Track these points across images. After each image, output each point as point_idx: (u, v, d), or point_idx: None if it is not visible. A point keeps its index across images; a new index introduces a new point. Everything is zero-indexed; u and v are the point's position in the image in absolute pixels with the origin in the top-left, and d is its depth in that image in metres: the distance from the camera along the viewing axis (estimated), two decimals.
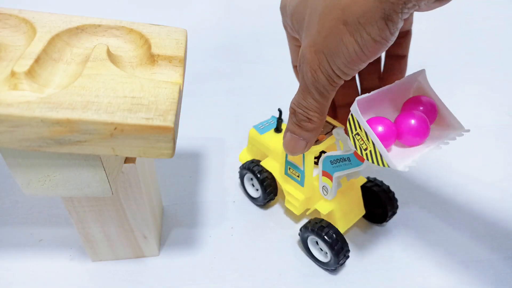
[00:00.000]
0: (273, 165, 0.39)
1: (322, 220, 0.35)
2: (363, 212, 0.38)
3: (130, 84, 0.25)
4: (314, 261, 0.37)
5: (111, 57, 0.28)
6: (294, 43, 0.33)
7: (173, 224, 0.40)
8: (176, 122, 0.25)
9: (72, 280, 0.35)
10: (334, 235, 0.34)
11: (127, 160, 0.30)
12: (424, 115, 0.27)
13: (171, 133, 0.24)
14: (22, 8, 0.30)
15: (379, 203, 0.38)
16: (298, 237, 0.38)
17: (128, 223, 0.33)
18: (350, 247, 0.37)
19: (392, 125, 0.27)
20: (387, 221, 0.39)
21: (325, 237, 0.34)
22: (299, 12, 0.26)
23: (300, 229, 0.36)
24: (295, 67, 0.35)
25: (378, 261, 0.37)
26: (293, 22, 0.27)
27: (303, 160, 0.34)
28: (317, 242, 0.36)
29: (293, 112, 0.29)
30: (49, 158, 0.26)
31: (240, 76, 0.60)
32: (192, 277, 0.36)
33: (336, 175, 0.33)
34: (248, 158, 0.42)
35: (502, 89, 0.57)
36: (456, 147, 0.48)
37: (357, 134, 0.25)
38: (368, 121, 0.26)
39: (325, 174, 0.33)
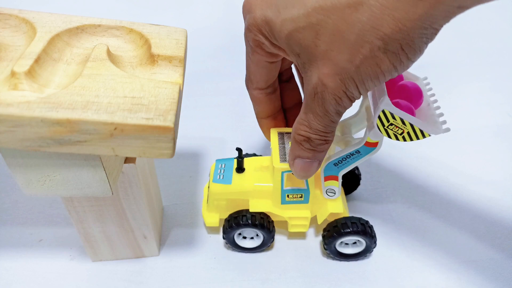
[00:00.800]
0: (264, 204, 0.36)
1: (335, 220, 0.35)
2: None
3: (130, 84, 0.25)
4: (345, 260, 0.37)
5: (111, 57, 0.28)
6: (265, 59, 0.31)
7: (173, 224, 0.40)
8: (176, 122, 0.25)
9: (72, 280, 0.35)
10: (357, 222, 0.35)
11: (127, 160, 0.30)
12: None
13: (171, 133, 0.24)
14: (22, 8, 0.30)
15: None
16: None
17: (128, 223, 0.33)
18: None
19: (408, 104, 0.29)
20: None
21: (353, 229, 0.34)
22: (304, 38, 0.25)
23: (325, 245, 0.36)
24: (250, 82, 0.34)
25: (378, 260, 0.37)
26: (289, 44, 0.26)
27: (306, 180, 0.33)
28: (342, 242, 0.36)
29: (306, 139, 0.28)
30: (49, 158, 0.26)
31: (240, 76, 0.60)
32: (192, 277, 0.36)
33: (341, 173, 0.33)
34: (216, 218, 0.37)
35: (502, 89, 0.57)
36: (456, 147, 0.48)
37: (391, 124, 0.28)
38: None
39: (329, 178, 0.34)
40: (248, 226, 0.35)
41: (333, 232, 0.35)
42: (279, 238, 0.39)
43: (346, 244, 0.36)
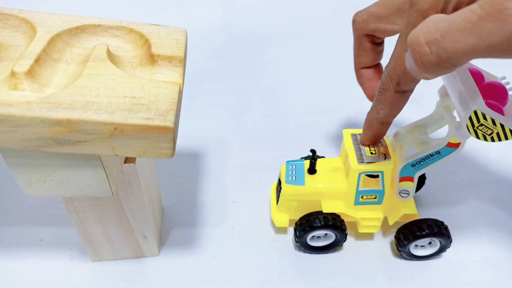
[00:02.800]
0: (336, 205, 0.36)
1: (411, 223, 0.35)
2: None
3: (130, 84, 0.25)
4: (418, 259, 0.37)
5: (111, 57, 0.28)
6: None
7: (173, 224, 0.40)
8: (176, 122, 0.25)
9: (72, 280, 0.35)
10: (433, 224, 0.34)
11: (127, 160, 0.30)
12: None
13: (171, 133, 0.24)
14: (22, 8, 0.30)
15: None
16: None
17: (128, 223, 0.33)
18: (350, 247, 0.37)
19: (496, 104, 0.29)
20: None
21: (427, 231, 0.34)
22: None
23: (400, 250, 0.36)
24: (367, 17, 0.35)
25: (378, 260, 0.37)
26: None
27: (382, 180, 0.34)
28: (416, 245, 0.36)
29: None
30: (49, 158, 0.26)
31: (240, 76, 0.60)
32: (192, 277, 0.36)
33: (418, 174, 0.33)
34: (286, 218, 0.37)
35: None
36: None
37: (481, 125, 0.27)
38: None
39: (404, 179, 0.34)
40: (321, 227, 0.35)
41: (408, 234, 0.35)
42: (280, 238, 0.39)
43: (422, 246, 0.36)
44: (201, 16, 0.74)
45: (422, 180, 0.42)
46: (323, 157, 0.41)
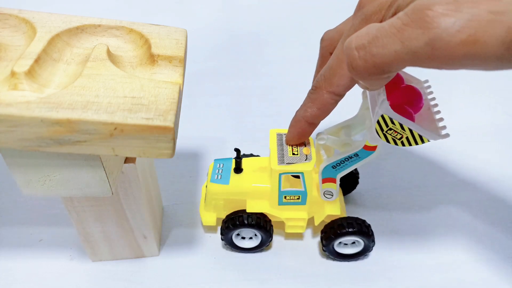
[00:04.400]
0: (261, 205, 0.36)
1: (332, 221, 0.35)
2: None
3: (130, 84, 0.25)
4: (344, 260, 0.37)
5: (111, 57, 0.28)
6: None
7: (173, 224, 0.40)
8: (176, 122, 0.25)
9: (72, 280, 0.35)
10: (353, 222, 0.34)
11: (127, 160, 0.30)
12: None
13: (171, 133, 0.24)
14: (22, 8, 0.30)
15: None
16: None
17: (128, 223, 0.33)
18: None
19: (407, 108, 0.29)
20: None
21: (349, 229, 0.34)
22: None
23: (324, 248, 0.36)
24: (327, 83, 0.32)
25: (378, 260, 0.37)
26: None
27: (303, 181, 0.34)
28: (340, 243, 0.36)
29: None
30: (49, 158, 0.26)
31: (240, 76, 0.60)
32: (192, 277, 0.36)
33: (339, 176, 0.33)
34: (213, 217, 0.37)
35: (501, 88, 0.57)
36: (454, 147, 0.48)
37: (390, 129, 0.28)
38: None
39: (327, 180, 0.34)
40: (245, 226, 0.35)
41: (330, 233, 0.35)
42: (277, 239, 0.39)
43: (345, 244, 0.36)
44: (201, 16, 0.74)
45: (354, 182, 0.41)
46: (251, 155, 0.42)
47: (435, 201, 0.42)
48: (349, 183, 0.41)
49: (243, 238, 0.37)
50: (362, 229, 0.34)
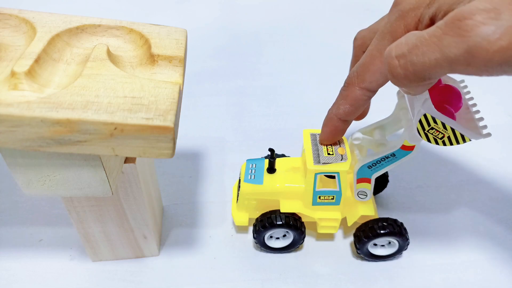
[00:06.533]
0: (295, 205, 0.36)
1: (369, 221, 0.35)
2: None
3: (130, 84, 0.25)
4: (377, 260, 0.37)
5: (111, 57, 0.28)
6: None
7: (173, 224, 0.40)
8: (176, 122, 0.25)
9: (72, 280, 0.35)
10: (393, 224, 0.34)
11: (127, 160, 0.30)
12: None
13: (171, 133, 0.24)
14: (22, 8, 0.30)
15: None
16: None
17: (128, 223, 0.33)
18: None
19: (448, 107, 0.29)
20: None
21: (383, 230, 0.34)
22: None
23: (357, 246, 0.35)
24: (359, 79, 0.32)
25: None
26: None
27: (339, 181, 0.33)
28: (374, 244, 0.35)
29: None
30: (49, 158, 0.26)
31: (240, 76, 0.60)
32: (192, 277, 0.36)
33: (374, 176, 0.33)
34: (246, 217, 0.37)
35: (500, 89, 0.57)
36: (457, 147, 0.48)
37: (431, 128, 0.28)
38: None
39: (361, 180, 0.34)
40: (279, 226, 0.35)
41: (367, 233, 0.35)
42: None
43: (382, 245, 0.36)
44: (201, 16, 0.74)
45: (384, 181, 0.41)
46: (283, 155, 0.41)
47: (437, 201, 0.42)
48: (379, 183, 0.41)
49: (277, 238, 0.37)
50: (401, 231, 0.34)
